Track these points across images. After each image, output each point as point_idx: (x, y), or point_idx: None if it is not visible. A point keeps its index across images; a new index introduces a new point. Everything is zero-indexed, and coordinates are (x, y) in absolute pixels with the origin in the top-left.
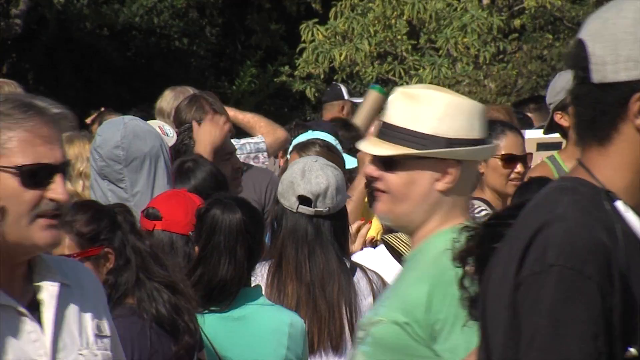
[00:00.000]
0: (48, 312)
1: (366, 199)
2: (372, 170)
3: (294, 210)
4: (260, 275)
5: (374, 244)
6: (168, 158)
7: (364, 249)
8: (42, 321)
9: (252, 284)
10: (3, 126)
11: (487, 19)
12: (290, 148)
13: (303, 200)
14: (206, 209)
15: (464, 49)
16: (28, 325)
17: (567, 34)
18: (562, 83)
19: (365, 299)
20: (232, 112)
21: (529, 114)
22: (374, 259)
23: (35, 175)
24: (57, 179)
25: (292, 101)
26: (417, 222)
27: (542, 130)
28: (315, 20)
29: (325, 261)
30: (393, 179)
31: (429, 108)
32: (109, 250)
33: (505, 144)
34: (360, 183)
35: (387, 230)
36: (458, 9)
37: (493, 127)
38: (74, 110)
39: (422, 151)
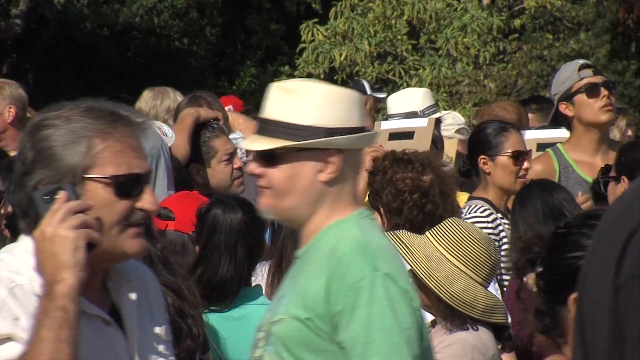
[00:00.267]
0: (131, 320)
1: (366, 199)
2: (254, 167)
3: None
4: (261, 275)
5: None
6: (168, 158)
7: None
8: (124, 329)
9: (253, 284)
10: (95, 136)
11: (487, 19)
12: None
13: None
14: (207, 208)
15: (464, 49)
16: (114, 334)
17: (567, 34)
18: (567, 73)
19: None
20: None
21: (530, 114)
22: None
23: (127, 186)
24: (147, 189)
25: None
26: (304, 216)
27: (541, 131)
28: (315, 20)
29: None
30: (275, 174)
31: (306, 100)
32: None
33: (511, 142)
34: (359, 183)
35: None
36: (458, 9)
37: (495, 127)
38: None
39: (300, 142)
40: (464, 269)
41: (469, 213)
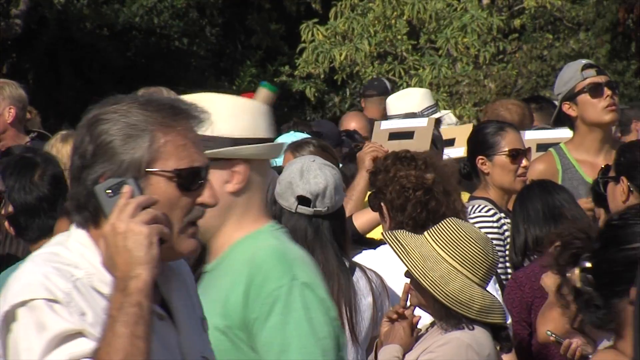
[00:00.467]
0: (182, 315)
1: (366, 199)
2: None
3: (293, 211)
4: None
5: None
6: None
7: (363, 250)
8: (175, 323)
9: None
10: (157, 129)
11: (487, 19)
12: (284, 148)
13: (302, 200)
14: None
15: (464, 49)
16: (167, 329)
17: (567, 34)
18: (570, 73)
19: (364, 299)
20: None
21: None
22: (374, 260)
23: (189, 180)
24: (207, 183)
25: (292, 101)
26: (212, 227)
27: (542, 131)
28: (315, 20)
29: (325, 261)
30: None
31: (210, 111)
32: None
33: (507, 140)
34: (359, 183)
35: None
36: (458, 9)
37: (492, 127)
38: (74, 110)
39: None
40: (461, 269)
41: (473, 212)
